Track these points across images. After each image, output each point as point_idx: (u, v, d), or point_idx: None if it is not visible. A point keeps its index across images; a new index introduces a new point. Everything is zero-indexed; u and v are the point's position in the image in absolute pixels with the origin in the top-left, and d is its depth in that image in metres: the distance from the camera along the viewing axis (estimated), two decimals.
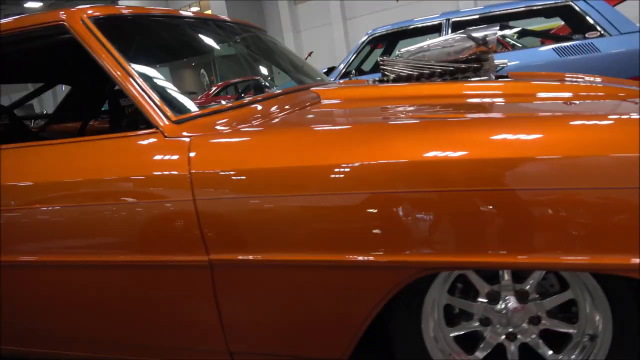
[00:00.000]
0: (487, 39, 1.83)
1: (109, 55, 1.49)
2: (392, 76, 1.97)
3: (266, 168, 1.28)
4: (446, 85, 1.81)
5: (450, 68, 1.82)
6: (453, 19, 4.56)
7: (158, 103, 1.46)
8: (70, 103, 2.88)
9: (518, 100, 1.62)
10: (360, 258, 1.22)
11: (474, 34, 1.86)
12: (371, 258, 1.21)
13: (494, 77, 1.86)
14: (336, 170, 1.21)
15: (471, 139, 1.15)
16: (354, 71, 5.00)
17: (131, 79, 1.47)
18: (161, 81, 1.62)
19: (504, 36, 6.16)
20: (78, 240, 1.49)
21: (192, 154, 1.35)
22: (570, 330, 1.32)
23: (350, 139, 1.27)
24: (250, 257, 1.31)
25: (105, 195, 1.43)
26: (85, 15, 1.56)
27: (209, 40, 2.31)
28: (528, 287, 1.30)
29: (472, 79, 1.83)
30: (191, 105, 1.59)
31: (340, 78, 4.96)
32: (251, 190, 1.29)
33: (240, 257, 1.33)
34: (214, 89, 14.52)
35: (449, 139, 1.16)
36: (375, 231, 1.20)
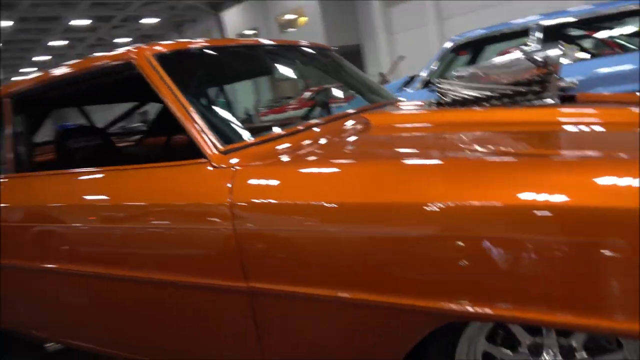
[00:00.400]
0: (549, 60, 1.69)
1: (166, 88, 1.63)
2: (449, 99, 1.89)
3: (305, 203, 1.29)
4: (516, 112, 1.68)
5: (509, 92, 1.71)
6: (543, 23, 4.26)
7: (208, 134, 1.56)
8: (158, 121, 3.13)
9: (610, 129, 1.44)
10: (401, 302, 1.17)
11: (535, 56, 1.73)
12: (412, 302, 1.16)
13: (559, 100, 1.72)
14: (395, 208, 1.16)
15: (576, 183, 1.01)
16: (435, 80, 4.79)
17: (185, 111, 1.59)
18: (217, 111, 1.73)
19: (611, 37, 5.63)
20: (130, 257, 1.66)
21: (233, 184, 1.43)
22: None
23: (403, 173, 1.23)
24: (288, 288, 1.35)
25: (155, 218, 1.58)
26: (149, 53, 1.71)
27: (269, 65, 2.39)
28: (574, 342, 1.19)
29: (536, 103, 1.70)
30: (243, 135, 1.67)
31: (421, 88, 4.84)
32: (292, 224, 1.31)
33: (277, 288, 1.36)
34: (308, 94, 14.91)
35: (550, 181, 1.03)
36: (417, 275, 1.15)
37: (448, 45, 4.88)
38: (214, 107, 1.80)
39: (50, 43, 28.17)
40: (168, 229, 1.55)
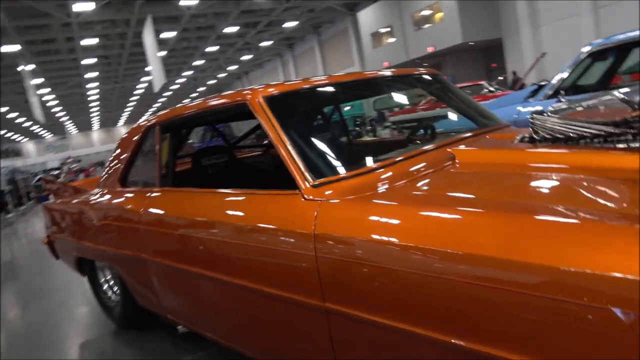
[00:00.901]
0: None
1: (270, 126, 1.92)
2: (539, 136, 1.86)
3: (380, 241, 1.41)
4: (614, 157, 1.53)
5: (602, 132, 1.64)
6: None
7: (302, 169, 1.78)
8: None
9: None
10: (465, 344, 1.23)
11: (629, 97, 1.63)
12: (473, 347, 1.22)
13: None
14: (491, 264, 1.17)
15: None
16: (562, 92, 4.35)
17: (284, 147, 1.85)
18: (315, 145, 1.96)
19: None
20: (236, 267, 2.01)
21: (318, 215, 1.64)
22: None
23: (490, 226, 1.24)
24: (360, 314, 1.50)
25: (258, 237, 1.86)
26: (260, 96, 2.02)
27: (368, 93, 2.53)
28: None
29: (632, 145, 1.60)
30: (335, 170, 1.86)
31: (549, 98, 4.52)
32: (367, 257, 1.45)
33: (351, 312, 1.54)
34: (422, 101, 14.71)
35: None
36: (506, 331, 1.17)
37: (585, 50, 4.42)
38: (314, 140, 2.03)
39: (207, 49, 31.32)
40: (267, 248, 1.80)
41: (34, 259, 7.32)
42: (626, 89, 1.78)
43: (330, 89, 2.38)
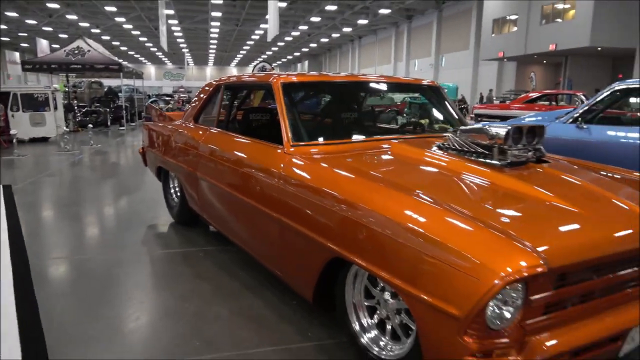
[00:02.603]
0: (496, 135, 2.37)
1: (281, 101, 2.81)
2: (447, 145, 2.65)
3: (308, 181, 2.38)
4: (472, 166, 2.38)
5: (474, 150, 2.48)
6: None
7: (289, 133, 2.70)
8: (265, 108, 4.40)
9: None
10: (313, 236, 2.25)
11: (490, 129, 2.40)
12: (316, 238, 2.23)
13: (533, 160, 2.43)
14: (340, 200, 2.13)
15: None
16: (579, 120, 4.79)
17: (284, 119, 2.77)
18: (299, 123, 2.86)
19: None
20: (236, 184, 2.99)
21: (285, 163, 2.55)
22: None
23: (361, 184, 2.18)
24: (294, 224, 2.37)
25: (252, 167, 2.82)
26: (278, 82, 2.97)
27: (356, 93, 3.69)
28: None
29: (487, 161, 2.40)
30: (305, 139, 2.78)
31: (570, 123, 4.86)
32: (300, 190, 2.40)
33: (289, 221, 2.45)
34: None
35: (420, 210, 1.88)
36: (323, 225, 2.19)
37: (614, 87, 4.70)
38: (301, 119, 2.97)
39: (326, 7, 31.90)
40: (251, 174, 2.84)
41: (131, 163, 8.67)
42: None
43: (328, 84, 3.36)
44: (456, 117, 3.51)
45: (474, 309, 1.50)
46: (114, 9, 31.51)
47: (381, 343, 2.16)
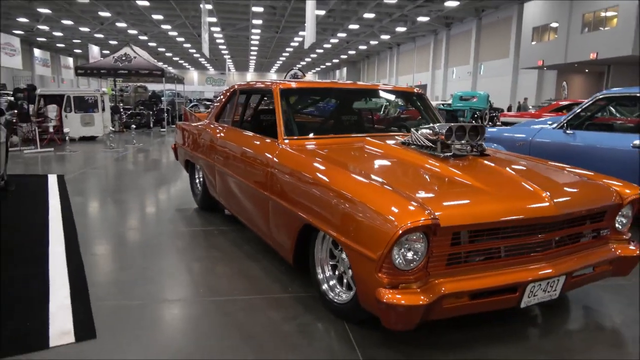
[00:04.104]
0: (437, 130, 2.97)
1: (278, 103, 3.45)
2: (408, 140, 3.22)
3: (291, 166, 2.98)
4: (414, 155, 3.03)
5: (426, 144, 3.07)
6: None
7: (282, 130, 3.31)
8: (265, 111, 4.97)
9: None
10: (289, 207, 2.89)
11: (437, 129, 3.03)
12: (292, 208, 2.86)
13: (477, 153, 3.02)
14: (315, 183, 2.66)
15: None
16: (565, 125, 5.25)
17: (280, 118, 3.39)
18: (291, 121, 3.49)
19: None
20: (239, 171, 3.68)
21: (278, 153, 3.15)
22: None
23: (334, 169, 2.75)
24: (280, 200, 2.90)
25: (251, 156, 3.48)
26: (279, 87, 3.59)
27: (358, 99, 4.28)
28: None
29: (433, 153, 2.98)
30: (295, 134, 3.38)
31: (558, 128, 5.31)
32: (286, 172, 3.00)
33: (276, 198, 3.01)
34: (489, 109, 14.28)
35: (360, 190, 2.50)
36: (298, 199, 2.58)
37: (598, 95, 5.16)
38: (293, 117, 3.62)
39: (364, 15, 32.49)
40: (253, 162, 3.49)
41: (167, 160, 9.54)
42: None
43: (318, 90, 4.14)
44: (435, 118, 4.06)
45: (383, 252, 2.07)
46: (160, 16, 33.23)
47: (336, 290, 2.76)
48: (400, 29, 37.63)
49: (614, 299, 3.16)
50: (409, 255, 2.14)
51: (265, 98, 4.66)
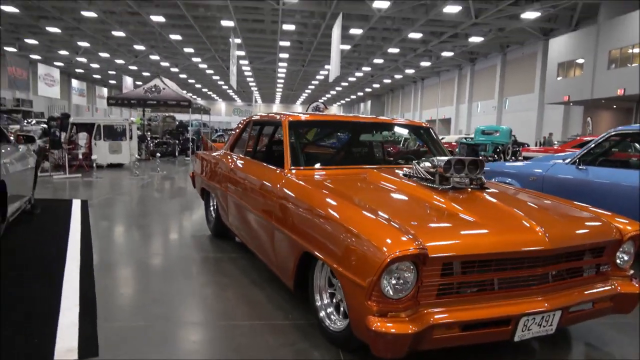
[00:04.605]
0: (437, 164, 3.06)
1: (286, 134, 3.56)
2: (411, 173, 3.28)
3: (296, 196, 3.03)
4: (424, 190, 3.02)
5: (426, 177, 3.09)
6: None
7: (289, 160, 3.43)
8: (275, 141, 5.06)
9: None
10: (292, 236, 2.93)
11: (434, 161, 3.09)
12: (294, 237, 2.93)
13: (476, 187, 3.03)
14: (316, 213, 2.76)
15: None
16: (577, 161, 5.24)
17: (287, 149, 3.51)
18: (297, 151, 3.60)
19: None
20: (250, 199, 3.75)
21: (283, 182, 3.25)
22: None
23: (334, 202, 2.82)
24: (284, 229, 3.02)
25: (258, 185, 3.59)
26: (286, 120, 3.73)
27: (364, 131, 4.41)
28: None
29: (434, 185, 3.02)
30: (300, 165, 3.50)
31: (571, 164, 5.28)
32: (291, 201, 3.08)
33: (280, 227, 3.10)
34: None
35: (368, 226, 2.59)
36: (299, 228, 2.64)
37: (611, 132, 5.14)
38: (299, 148, 3.71)
39: (388, 50, 33.06)
40: (261, 190, 3.60)
41: (188, 188, 9.79)
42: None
43: (325, 123, 4.29)
44: (440, 152, 4.11)
45: (372, 279, 2.13)
46: (191, 50, 34.51)
47: (332, 317, 2.79)
48: (425, 64, 38.01)
49: (616, 337, 3.10)
50: (399, 284, 2.18)
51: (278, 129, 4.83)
